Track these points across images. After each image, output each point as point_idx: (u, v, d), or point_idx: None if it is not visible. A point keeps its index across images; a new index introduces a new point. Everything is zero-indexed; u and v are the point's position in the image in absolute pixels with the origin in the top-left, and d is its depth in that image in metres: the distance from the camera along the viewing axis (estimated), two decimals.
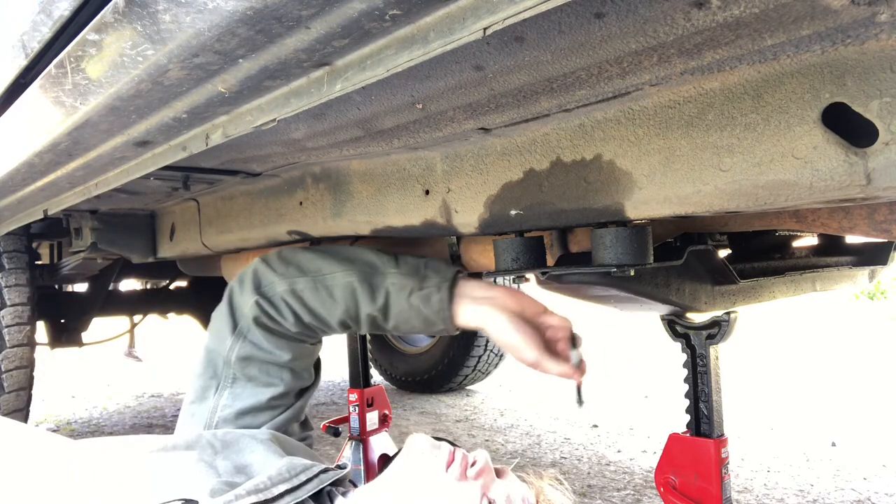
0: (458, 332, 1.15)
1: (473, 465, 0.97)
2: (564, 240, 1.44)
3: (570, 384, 1.13)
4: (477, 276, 1.73)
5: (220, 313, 1.16)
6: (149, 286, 4.52)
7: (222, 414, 1.11)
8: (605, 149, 1.02)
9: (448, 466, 0.96)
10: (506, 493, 0.97)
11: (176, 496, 0.89)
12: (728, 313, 1.44)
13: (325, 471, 0.98)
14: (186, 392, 1.18)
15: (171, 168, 1.32)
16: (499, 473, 1.02)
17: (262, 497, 0.88)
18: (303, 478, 0.95)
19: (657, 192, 0.96)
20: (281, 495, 0.90)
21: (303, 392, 1.20)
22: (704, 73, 0.85)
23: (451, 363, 4.28)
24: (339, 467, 1.01)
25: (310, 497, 0.94)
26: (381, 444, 2.37)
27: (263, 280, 1.13)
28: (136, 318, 4.28)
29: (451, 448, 0.99)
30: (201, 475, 0.95)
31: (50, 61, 0.82)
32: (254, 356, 1.11)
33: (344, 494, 0.99)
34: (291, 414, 1.16)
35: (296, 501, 0.91)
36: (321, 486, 0.96)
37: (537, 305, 1.12)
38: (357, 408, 2.35)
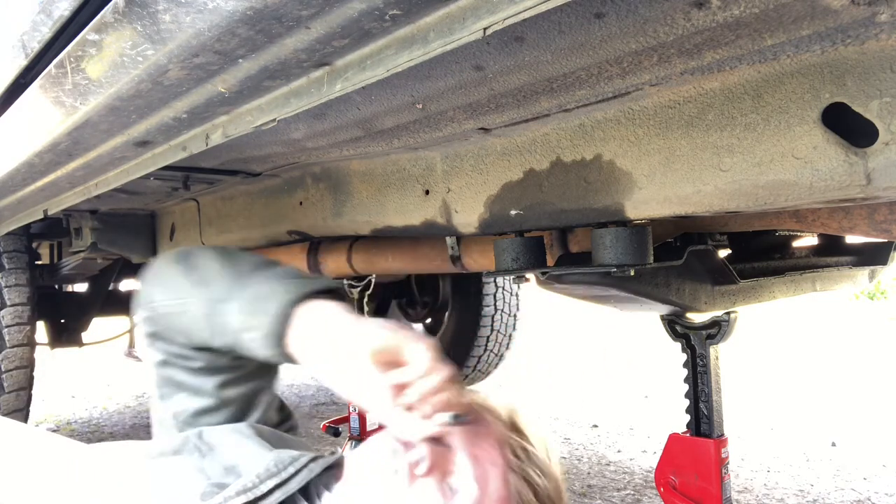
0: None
1: (417, 464, 0.81)
2: (564, 240, 1.44)
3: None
4: (477, 275, 1.72)
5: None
6: None
7: (181, 418, 1.04)
8: (605, 149, 1.02)
9: (394, 473, 0.86)
10: (470, 473, 0.82)
11: None
12: (728, 313, 1.44)
13: (314, 459, 0.96)
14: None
15: (171, 168, 1.32)
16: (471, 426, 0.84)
17: (251, 496, 0.87)
18: (291, 470, 0.92)
19: (657, 192, 0.96)
20: (270, 491, 0.89)
21: (262, 377, 1.08)
22: (704, 73, 0.85)
23: (451, 363, 4.27)
24: (332, 454, 0.98)
25: (299, 491, 0.92)
26: None
27: (143, 295, 1.03)
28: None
29: (390, 451, 0.84)
30: (191, 480, 0.94)
31: (50, 61, 0.82)
32: (170, 361, 1.04)
33: (328, 487, 0.96)
34: (264, 407, 1.08)
35: (286, 495, 0.90)
36: (311, 476, 0.94)
37: (397, 344, 0.84)
38: (357, 408, 2.35)
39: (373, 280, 2.42)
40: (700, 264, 1.39)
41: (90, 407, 4.67)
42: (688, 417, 1.48)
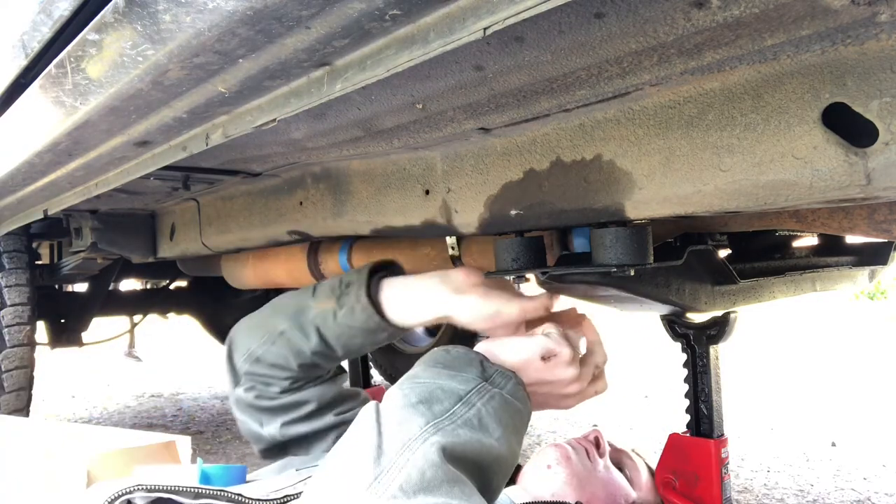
0: (408, 331, 1.14)
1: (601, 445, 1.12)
2: (564, 240, 1.44)
3: None
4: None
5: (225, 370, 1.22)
6: (149, 286, 4.52)
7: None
8: (605, 149, 1.02)
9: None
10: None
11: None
12: (728, 313, 1.44)
13: None
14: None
15: (171, 168, 1.32)
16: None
17: None
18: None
19: (657, 192, 0.96)
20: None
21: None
22: (704, 73, 0.85)
23: None
24: None
25: None
26: None
27: (238, 357, 1.18)
28: (136, 318, 4.28)
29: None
30: None
31: (50, 61, 0.82)
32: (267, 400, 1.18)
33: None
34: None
35: None
36: None
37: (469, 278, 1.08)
38: None
39: None
40: (700, 264, 1.39)
41: (90, 407, 4.67)
42: (688, 417, 1.48)
